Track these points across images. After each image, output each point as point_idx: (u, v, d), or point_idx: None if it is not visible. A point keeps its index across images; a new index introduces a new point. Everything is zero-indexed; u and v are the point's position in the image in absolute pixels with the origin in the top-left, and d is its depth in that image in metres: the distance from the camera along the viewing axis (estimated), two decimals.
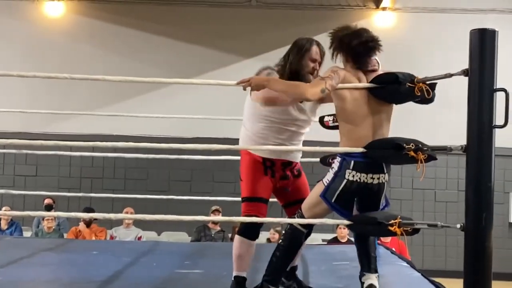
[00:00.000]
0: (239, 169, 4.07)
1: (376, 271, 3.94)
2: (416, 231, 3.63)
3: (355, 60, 3.76)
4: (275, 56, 3.96)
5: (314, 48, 3.95)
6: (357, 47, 3.72)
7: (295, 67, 3.91)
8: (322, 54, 3.97)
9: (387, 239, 8.36)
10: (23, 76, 3.69)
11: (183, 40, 11.99)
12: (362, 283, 3.90)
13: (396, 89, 3.60)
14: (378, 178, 3.71)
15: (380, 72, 3.76)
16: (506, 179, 11.98)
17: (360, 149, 3.63)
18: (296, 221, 3.82)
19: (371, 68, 3.77)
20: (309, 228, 3.88)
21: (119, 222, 9.91)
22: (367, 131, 3.68)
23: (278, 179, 4.04)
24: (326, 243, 9.24)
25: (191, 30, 12.07)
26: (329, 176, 3.73)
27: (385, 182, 3.76)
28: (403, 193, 11.99)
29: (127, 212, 9.23)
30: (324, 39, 3.95)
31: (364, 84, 3.68)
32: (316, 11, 11.99)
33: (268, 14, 12.10)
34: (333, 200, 3.68)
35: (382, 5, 11.88)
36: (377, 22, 12.01)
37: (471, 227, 3.27)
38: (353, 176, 3.65)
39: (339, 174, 3.68)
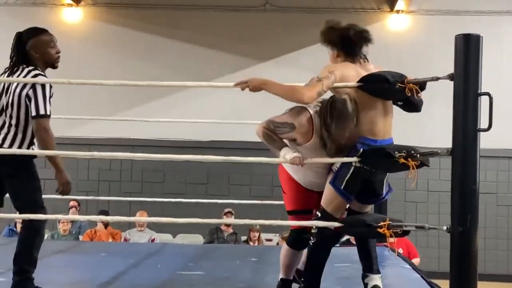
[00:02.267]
0: (250, 172, 4.16)
1: (378, 272, 4.00)
2: (405, 232, 3.69)
3: (348, 52, 3.81)
4: (290, 59, 4.03)
5: None
6: (354, 36, 3.80)
7: None
8: None
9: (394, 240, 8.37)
10: (25, 81, 3.79)
11: (199, 44, 12.09)
12: (366, 284, 3.96)
13: (386, 88, 3.66)
14: None
15: (374, 70, 3.81)
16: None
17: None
18: (303, 223, 3.81)
19: (363, 62, 3.84)
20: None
21: (133, 225, 10.04)
22: (371, 119, 3.72)
23: None
24: (338, 245, 9.26)
25: (208, 34, 12.17)
26: (338, 163, 3.78)
27: None
28: (418, 195, 11.99)
29: (140, 216, 9.36)
30: None
31: (353, 84, 3.69)
32: (330, 15, 11.91)
33: (283, 18, 12.16)
34: (342, 187, 3.73)
35: (396, 7, 11.89)
36: (391, 25, 12.04)
37: (456, 229, 3.33)
38: (360, 162, 3.69)
39: (346, 162, 3.72)
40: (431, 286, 4.45)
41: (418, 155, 3.58)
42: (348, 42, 3.82)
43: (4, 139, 3.82)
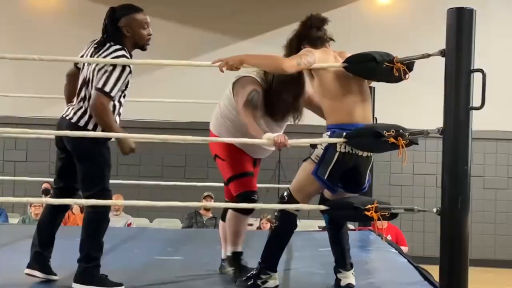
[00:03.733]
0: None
1: (351, 266, 3.97)
2: (394, 215, 3.67)
3: (310, 37, 3.85)
4: (273, 37, 3.99)
5: None
6: (305, 23, 3.88)
7: None
8: None
9: (384, 226, 8.39)
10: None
11: (175, 21, 11.96)
12: (338, 280, 3.93)
13: (374, 67, 3.63)
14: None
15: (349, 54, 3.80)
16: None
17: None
18: (286, 207, 3.79)
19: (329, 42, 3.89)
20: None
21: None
22: (350, 105, 3.72)
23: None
24: (321, 229, 9.27)
25: (185, 10, 12.05)
26: (318, 152, 3.74)
27: (372, 156, 3.81)
28: (403, 178, 12.02)
29: (115, 199, 9.27)
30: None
31: (340, 64, 3.71)
32: None
33: None
34: (325, 177, 3.69)
35: None
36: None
37: (447, 211, 3.30)
38: (345, 147, 3.67)
39: (330, 148, 3.69)
40: (419, 271, 4.44)
41: (407, 134, 3.55)
42: (304, 30, 3.89)
43: (84, 112, 3.78)
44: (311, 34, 3.86)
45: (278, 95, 4.02)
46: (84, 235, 3.83)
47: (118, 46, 3.80)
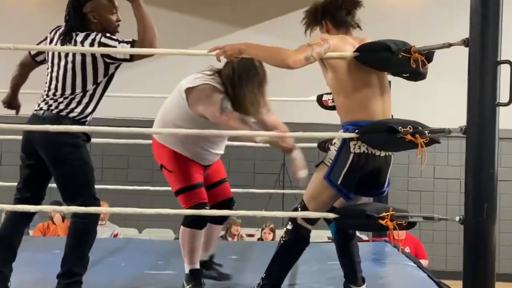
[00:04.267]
0: (230, 157, 4.22)
1: (363, 281, 3.98)
2: (412, 224, 3.67)
3: (337, 19, 3.81)
4: (273, 26, 3.96)
5: None
6: (345, 4, 3.81)
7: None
8: None
9: (401, 236, 8.40)
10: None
11: (168, 8, 11.95)
12: None
13: (388, 58, 3.62)
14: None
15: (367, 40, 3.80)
16: None
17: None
18: (290, 214, 3.81)
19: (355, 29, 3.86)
20: (315, 222, 3.88)
21: None
22: (368, 100, 3.72)
23: None
24: (331, 240, 9.27)
25: None
26: (331, 154, 3.75)
27: (392, 156, 3.80)
28: (423, 183, 12.02)
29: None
30: None
31: (349, 53, 3.70)
32: None
33: None
34: (339, 182, 3.69)
35: None
36: None
37: (471, 220, 3.29)
38: (360, 147, 3.67)
39: (343, 149, 3.69)
40: (440, 287, 4.44)
41: (427, 132, 3.55)
42: (332, 9, 3.83)
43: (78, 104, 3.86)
44: (338, 15, 3.82)
45: (241, 97, 4.17)
46: (68, 247, 3.83)
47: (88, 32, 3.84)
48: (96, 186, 3.90)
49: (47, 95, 3.90)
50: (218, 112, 4.06)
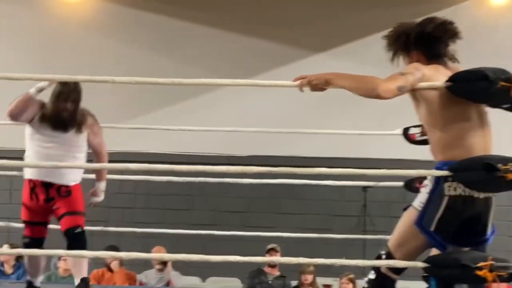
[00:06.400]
0: (303, 197, 4.19)
1: None
2: None
3: (430, 52, 3.76)
4: (356, 49, 3.95)
5: None
6: (434, 31, 3.77)
7: None
8: None
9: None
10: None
11: (230, 30, 12.01)
12: None
13: (485, 88, 3.57)
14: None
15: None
16: None
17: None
18: (374, 263, 3.76)
19: (450, 61, 3.79)
20: (402, 272, 3.84)
21: (150, 265, 10.02)
22: (467, 136, 3.67)
23: (42, 201, 5.48)
24: None
25: (241, 16, 12.11)
26: (422, 197, 3.71)
27: (492, 198, 3.72)
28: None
29: (156, 252, 9.31)
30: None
31: (441, 83, 3.67)
32: None
33: None
34: (432, 229, 3.65)
35: None
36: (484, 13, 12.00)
37: None
38: (455, 189, 3.62)
39: (436, 192, 3.66)
40: None
41: None
42: (427, 39, 3.80)
43: None
44: (434, 47, 3.81)
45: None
46: None
47: None
48: (155, 230, 3.91)
49: None
50: None
